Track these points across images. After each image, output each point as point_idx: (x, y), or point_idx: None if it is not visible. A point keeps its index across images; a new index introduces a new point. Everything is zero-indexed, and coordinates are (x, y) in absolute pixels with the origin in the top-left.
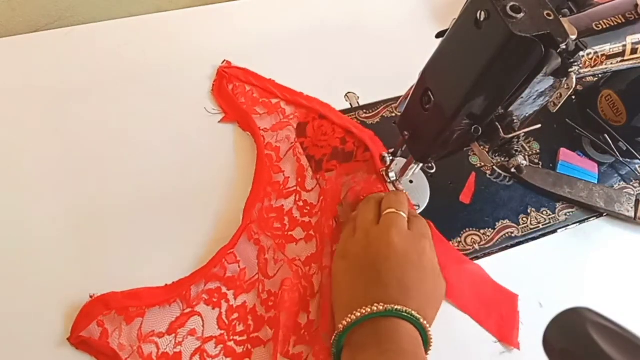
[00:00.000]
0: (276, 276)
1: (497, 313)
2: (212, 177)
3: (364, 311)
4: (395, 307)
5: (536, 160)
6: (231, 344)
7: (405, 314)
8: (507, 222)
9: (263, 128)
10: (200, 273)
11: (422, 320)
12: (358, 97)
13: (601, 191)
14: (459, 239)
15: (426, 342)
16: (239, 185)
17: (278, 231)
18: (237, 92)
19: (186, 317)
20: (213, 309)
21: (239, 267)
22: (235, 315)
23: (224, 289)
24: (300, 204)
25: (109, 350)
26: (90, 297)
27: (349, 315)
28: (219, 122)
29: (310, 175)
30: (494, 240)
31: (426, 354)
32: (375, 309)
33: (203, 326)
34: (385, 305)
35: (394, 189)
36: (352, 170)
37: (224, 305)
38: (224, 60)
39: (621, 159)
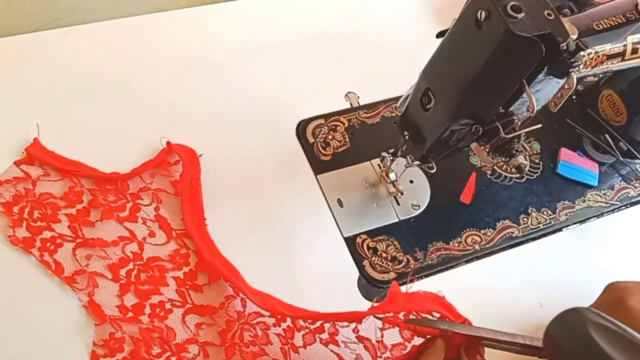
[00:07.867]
0: None
1: None
2: None
3: None
4: None
5: (537, 160)
6: None
7: None
8: (507, 222)
9: None
10: None
11: None
12: (358, 97)
13: None
14: (459, 239)
15: None
16: None
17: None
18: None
19: None
20: None
21: None
22: None
23: None
24: None
25: None
26: None
27: None
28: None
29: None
30: (495, 241)
31: None
32: None
33: None
34: None
35: (393, 189)
36: None
37: None
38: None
39: (622, 159)
